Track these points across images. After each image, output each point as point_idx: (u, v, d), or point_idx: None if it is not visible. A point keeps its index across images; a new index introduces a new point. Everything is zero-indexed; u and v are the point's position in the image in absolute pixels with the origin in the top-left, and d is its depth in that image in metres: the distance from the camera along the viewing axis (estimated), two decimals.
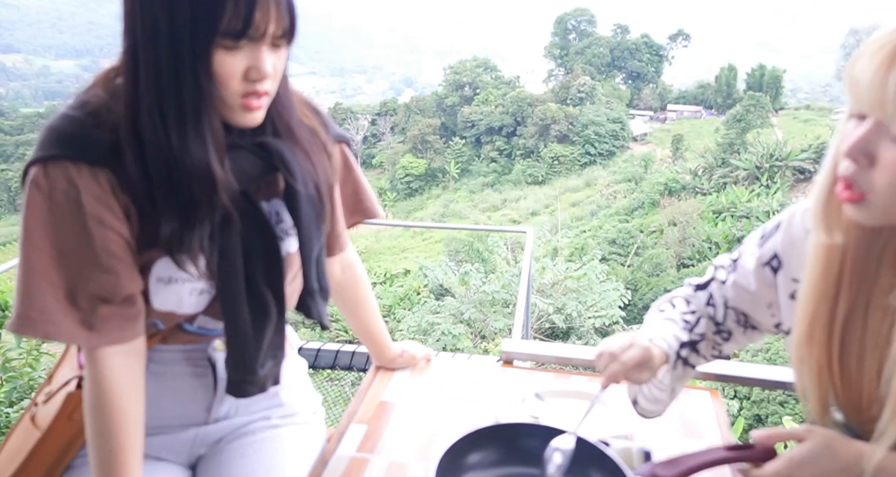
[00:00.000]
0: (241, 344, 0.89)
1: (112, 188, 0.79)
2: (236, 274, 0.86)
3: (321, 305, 0.95)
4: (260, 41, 0.75)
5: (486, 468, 0.89)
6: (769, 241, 0.93)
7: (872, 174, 0.69)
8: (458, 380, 1.30)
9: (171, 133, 0.76)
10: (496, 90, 34.22)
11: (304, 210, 0.88)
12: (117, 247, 0.80)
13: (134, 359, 0.86)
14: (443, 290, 12.38)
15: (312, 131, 0.92)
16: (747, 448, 0.89)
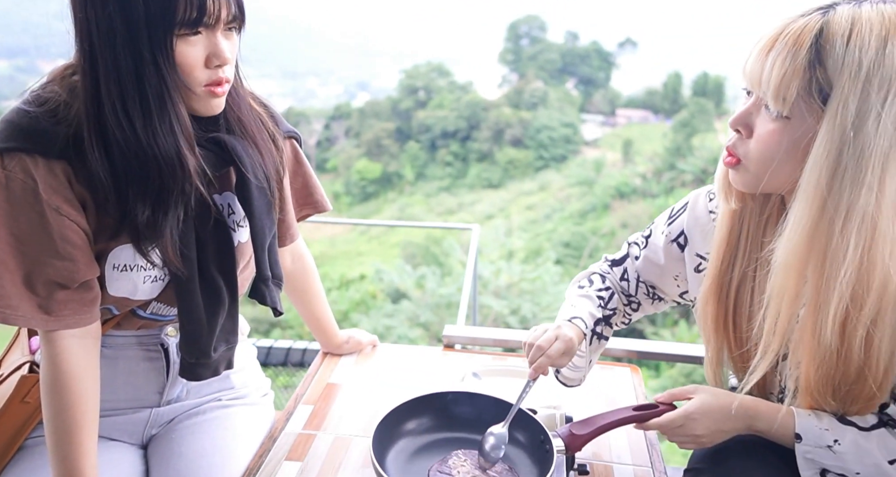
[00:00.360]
0: (194, 329, 0.95)
1: (68, 180, 0.83)
2: (190, 262, 0.91)
3: (274, 292, 1.01)
4: (215, 28, 0.81)
5: (421, 434, 0.98)
6: (677, 220, 1.05)
7: (749, 143, 0.81)
8: (402, 364, 1.38)
9: (136, 127, 0.80)
10: (450, 95, 34.43)
11: (256, 200, 0.94)
12: (74, 235, 0.85)
13: (90, 341, 0.91)
14: (399, 293, 12.40)
15: (261, 121, 0.98)
16: (652, 408, 1.00)
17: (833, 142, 0.72)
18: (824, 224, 0.74)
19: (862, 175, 0.72)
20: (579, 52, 38.87)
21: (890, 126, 0.71)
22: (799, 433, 0.85)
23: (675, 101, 33.35)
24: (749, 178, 0.83)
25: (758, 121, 0.79)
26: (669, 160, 28.29)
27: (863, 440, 0.83)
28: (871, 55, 0.70)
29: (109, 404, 1.02)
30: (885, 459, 0.82)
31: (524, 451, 0.96)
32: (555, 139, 32.00)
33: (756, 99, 0.79)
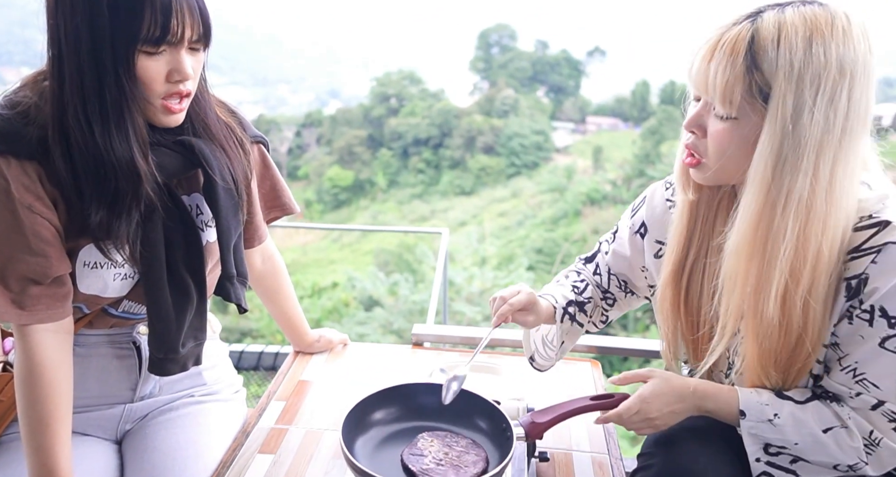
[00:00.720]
0: (163, 325, 0.98)
1: (40, 180, 0.87)
2: (158, 260, 0.95)
3: (239, 289, 1.05)
4: (178, 46, 0.85)
5: (389, 423, 1.02)
6: (638, 212, 1.14)
7: (705, 142, 0.89)
8: (372, 361, 1.42)
9: (95, 132, 0.84)
10: (422, 102, 34.54)
11: (222, 200, 0.98)
12: (46, 232, 0.88)
13: (63, 336, 0.93)
14: (372, 301, 12.37)
15: (228, 127, 1.03)
16: (608, 397, 1.07)
17: (775, 135, 0.80)
18: (768, 209, 0.82)
19: (799, 162, 0.80)
20: (549, 60, 39.41)
21: (820, 117, 0.79)
22: (742, 410, 0.92)
23: (644, 109, 34.00)
24: (710, 174, 0.91)
25: (709, 122, 0.87)
26: (639, 167, 28.80)
27: (799, 412, 0.90)
28: (799, 55, 0.78)
29: (82, 401, 1.04)
30: (819, 428, 0.89)
31: (487, 438, 1.01)
32: (526, 146, 32.32)
33: (705, 102, 0.88)
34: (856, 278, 0.84)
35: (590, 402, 1.06)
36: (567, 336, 1.17)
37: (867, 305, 0.83)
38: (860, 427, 0.88)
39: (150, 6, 0.80)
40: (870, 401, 0.86)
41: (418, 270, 14.04)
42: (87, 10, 0.80)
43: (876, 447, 0.87)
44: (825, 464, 0.90)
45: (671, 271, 1.04)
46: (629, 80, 40.04)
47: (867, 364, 0.86)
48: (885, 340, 0.83)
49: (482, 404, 1.02)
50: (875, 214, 0.84)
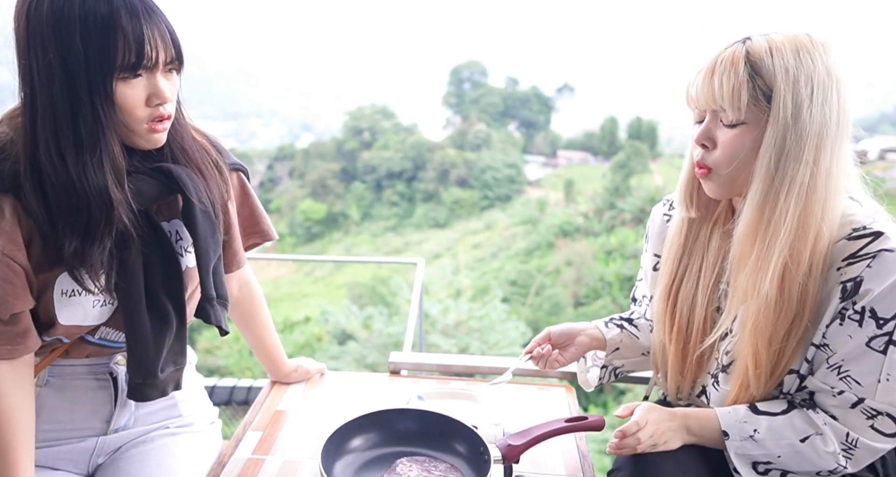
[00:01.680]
0: (141, 350, 0.98)
1: (17, 214, 0.88)
2: (136, 286, 0.96)
3: (219, 311, 1.05)
4: (154, 70, 0.88)
5: (368, 449, 1.03)
6: (648, 236, 1.24)
7: (715, 153, 0.97)
8: (350, 390, 1.42)
9: (67, 162, 0.86)
10: (395, 136, 34.88)
11: (200, 223, 0.99)
12: (10, 270, 0.89)
13: (21, 368, 0.93)
14: (345, 335, 12.22)
15: (205, 150, 1.05)
16: (582, 419, 1.09)
17: (778, 130, 0.90)
18: (772, 196, 0.91)
19: (801, 153, 0.90)
20: (520, 96, 40.33)
21: (818, 113, 0.89)
22: (725, 430, 0.98)
23: (613, 144, 34.86)
24: (721, 182, 0.99)
25: (718, 133, 0.96)
26: (609, 200, 29.35)
27: (776, 424, 0.96)
28: (791, 61, 0.89)
29: (53, 434, 1.03)
30: (797, 438, 0.95)
31: (465, 461, 1.02)
32: (499, 179, 32.76)
33: (712, 116, 0.96)
34: (851, 281, 0.91)
35: (564, 424, 1.08)
36: (622, 343, 1.22)
37: (859, 307, 0.90)
38: (836, 432, 0.93)
39: (122, 35, 0.83)
40: (851, 398, 0.92)
41: (392, 302, 13.96)
42: (58, 47, 0.82)
43: (854, 449, 0.93)
44: (809, 473, 0.95)
45: (665, 284, 1.12)
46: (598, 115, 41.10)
47: (852, 362, 0.92)
48: (871, 340, 0.90)
49: (460, 429, 1.04)
50: (868, 226, 0.92)
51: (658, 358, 1.16)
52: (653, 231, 1.22)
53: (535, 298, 23.49)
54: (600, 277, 24.76)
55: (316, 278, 26.01)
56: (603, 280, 24.55)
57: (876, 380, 0.90)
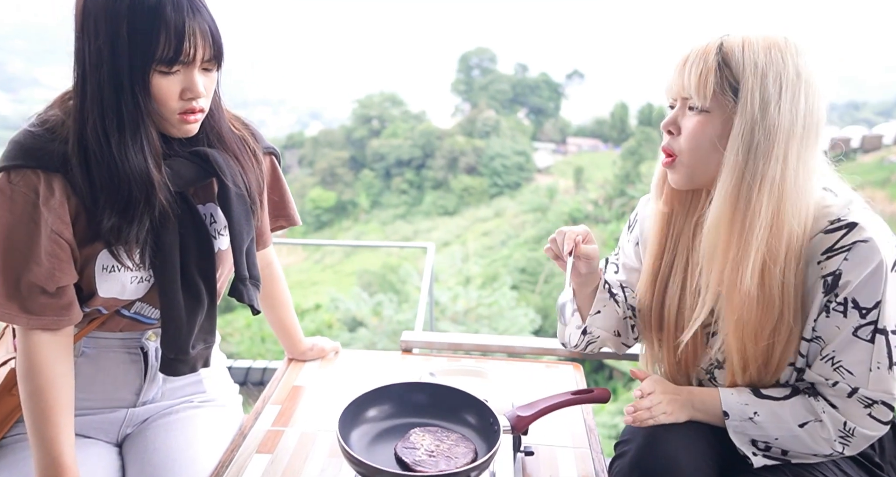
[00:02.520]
0: (174, 327, 1.03)
1: (65, 192, 0.94)
2: (172, 265, 1.01)
3: (252, 291, 1.10)
4: (191, 66, 0.92)
5: (383, 420, 1.07)
6: (634, 226, 1.25)
7: (679, 140, 1.00)
8: (363, 367, 1.47)
9: (111, 142, 0.91)
10: (404, 124, 34.79)
11: (235, 206, 1.04)
12: (59, 248, 0.94)
13: (62, 338, 0.99)
14: (355, 322, 12.32)
15: (242, 139, 1.10)
16: (588, 392, 1.13)
17: (746, 123, 0.92)
18: (744, 191, 0.93)
19: (771, 149, 0.91)
20: (529, 82, 40.05)
21: (786, 111, 0.91)
22: (725, 410, 1.01)
23: (623, 130, 34.56)
24: (683, 172, 1.01)
25: (684, 121, 0.99)
26: (619, 187, 29.18)
27: (778, 409, 0.99)
28: (762, 57, 0.92)
29: (87, 403, 1.08)
30: (795, 423, 0.98)
31: (475, 432, 1.06)
32: (508, 167, 32.63)
33: (680, 105, 0.99)
34: (831, 275, 0.93)
35: (571, 396, 1.12)
36: (604, 308, 1.18)
37: (841, 298, 0.93)
38: (834, 421, 0.96)
39: (164, 30, 0.87)
40: (846, 389, 0.95)
41: (402, 289, 14.04)
42: (108, 33, 0.87)
43: (851, 437, 0.96)
44: (807, 453, 0.98)
45: (648, 278, 1.13)
46: (608, 102, 40.72)
47: (843, 352, 0.94)
48: (857, 329, 0.93)
49: (471, 401, 1.08)
50: (842, 218, 0.94)
51: (648, 355, 1.18)
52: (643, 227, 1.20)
53: (545, 286, 23.52)
54: None
55: (325, 266, 26.15)
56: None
57: (867, 368, 0.93)
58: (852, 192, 0.99)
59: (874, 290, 0.91)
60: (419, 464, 0.95)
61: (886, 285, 0.90)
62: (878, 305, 0.91)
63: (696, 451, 0.98)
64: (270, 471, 1.09)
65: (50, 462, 0.94)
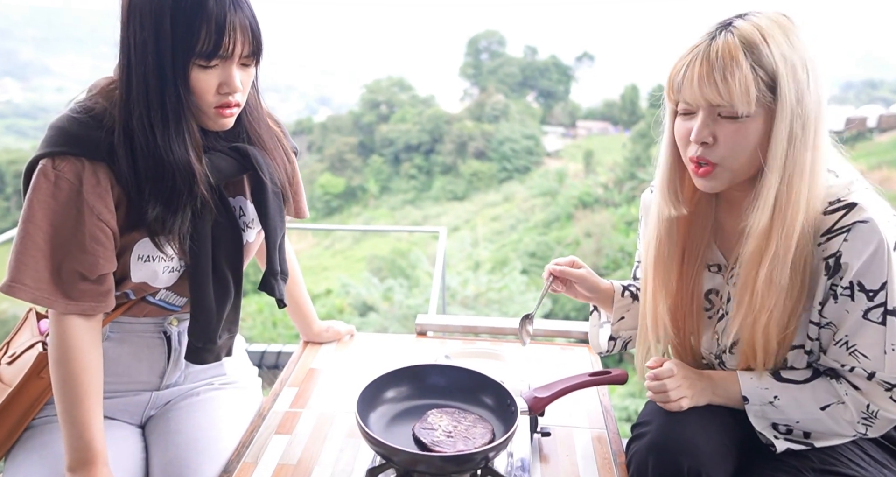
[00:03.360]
0: (205, 316, 1.05)
1: (109, 181, 0.94)
2: (206, 256, 1.02)
3: (282, 286, 1.13)
4: (230, 60, 0.93)
5: (400, 401, 1.08)
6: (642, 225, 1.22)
7: (717, 149, 0.94)
8: (379, 350, 1.48)
9: (157, 134, 0.92)
10: (412, 108, 34.62)
11: (271, 202, 1.06)
12: (102, 234, 0.95)
13: (94, 323, 1.00)
14: (366, 307, 12.39)
15: (277, 138, 1.11)
16: (606, 373, 1.13)
17: (786, 117, 0.89)
18: (784, 186, 0.91)
19: (807, 138, 0.90)
20: (538, 65, 39.66)
21: (814, 95, 0.89)
22: (745, 395, 1.00)
23: (633, 113, 34.21)
24: (726, 177, 0.96)
25: (717, 129, 0.93)
26: (629, 170, 28.96)
27: (798, 393, 0.98)
28: (785, 47, 0.88)
29: (112, 386, 1.10)
30: (817, 406, 0.97)
31: (493, 413, 1.07)
32: (517, 151, 32.44)
33: (708, 112, 0.92)
34: (832, 257, 0.91)
35: (588, 377, 1.13)
36: (628, 313, 1.21)
37: (846, 282, 0.91)
38: (857, 403, 0.95)
39: (206, 24, 0.88)
40: (863, 373, 0.93)
41: (412, 275, 14.07)
42: (153, 25, 0.88)
43: (874, 420, 0.95)
44: (830, 433, 0.98)
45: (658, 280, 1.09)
46: (618, 84, 40.26)
47: (856, 336, 0.93)
48: (867, 312, 0.91)
49: (488, 383, 1.08)
50: (843, 198, 0.92)
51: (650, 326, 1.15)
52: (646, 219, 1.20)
53: None
54: (620, 248, 24.61)
55: (335, 252, 26.24)
56: (623, 251, 24.40)
57: (882, 351, 0.91)
58: (854, 173, 0.97)
59: (878, 271, 0.89)
60: (437, 444, 0.96)
61: (891, 266, 0.89)
62: (884, 286, 0.90)
63: (714, 434, 0.98)
64: (290, 451, 1.10)
65: (82, 446, 0.95)
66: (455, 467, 0.93)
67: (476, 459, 0.92)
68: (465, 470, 0.94)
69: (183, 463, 1.03)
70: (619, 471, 1.06)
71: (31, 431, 1.05)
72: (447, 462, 0.92)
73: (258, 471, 1.05)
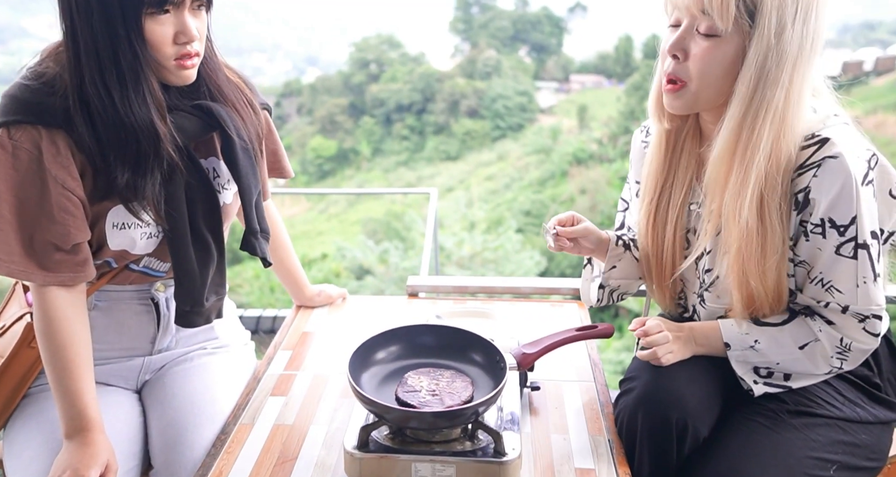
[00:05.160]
0: (188, 280, 1.05)
1: (69, 149, 0.92)
2: (182, 219, 1.01)
3: (263, 244, 1.12)
4: (181, 7, 0.89)
5: (392, 361, 1.10)
6: (631, 168, 1.25)
7: (687, 65, 0.95)
8: (371, 312, 1.50)
9: (114, 96, 0.89)
10: (403, 67, 33.98)
11: (241, 160, 1.03)
12: (69, 203, 0.93)
13: (76, 294, 1.00)
14: (363, 270, 12.45)
15: (238, 88, 1.08)
16: (592, 328, 1.15)
17: (761, 50, 0.88)
18: (749, 120, 0.91)
19: (779, 75, 0.89)
20: (530, 18, 38.80)
21: (797, 34, 0.88)
22: (727, 341, 1.03)
23: (627, 65, 33.67)
24: (688, 98, 0.97)
25: (692, 44, 0.94)
26: (624, 124, 28.67)
27: (777, 334, 1.01)
28: None
29: (105, 352, 1.11)
30: (796, 346, 1.00)
31: (482, 370, 1.09)
32: (510, 108, 32.05)
33: (688, 25, 0.93)
34: (801, 192, 0.93)
35: (575, 332, 1.15)
36: (620, 262, 1.21)
37: (816, 218, 0.93)
38: (830, 338, 0.98)
39: None
40: (837, 308, 0.96)
41: (407, 237, 14.10)
42: None
43: (848, 352, 0.98)
44: (807, 373, 1.01)
45: (647, 202, 1.12)
46: (612, 35, 39.46)
47: (829, 272, 0.95)
48: (838, 248, 0.93)
49: (477, 341, 1.10)
50: (817, 133, 0.92)
51: (645, 270, 1.19)
52: (634, 159, 1.22)
53: None
54: (615, 204, 24.34)
55: (330, 215, 26.20)
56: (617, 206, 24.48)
57: (854, 285, 0.94)
58: (834, 107, 0.97)
59: (847, 206, 0.90)
60: (426, 404, 0.98)
61: (859, 200, 0.90)
62: (854, 220, 0.91)
63: (699, 386, 1.01)
64: (285, 411, 1.13)
65: (75, 414, 0.96)
66: (447, 422, 0.96)
67: (467, 414, 0.94)
68: (456, 424, 0.97)
69: (181, 426, 1.06)
70: (607, 421, 1.09)
71: (28, 399, 1.07)
72: (439, 418, 0.94)
73: (255, 431, 1.07)
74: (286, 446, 1.04)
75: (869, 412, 1.01)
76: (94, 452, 0.94)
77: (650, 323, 1.05)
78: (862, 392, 1.04)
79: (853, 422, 0.99)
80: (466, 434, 0.98)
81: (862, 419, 1.00)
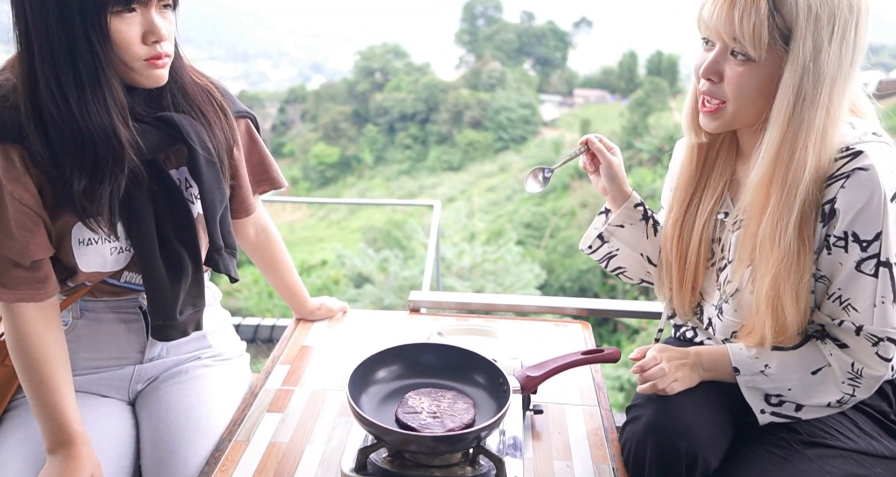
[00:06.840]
0: (158, 294, 1.01)
1: (24, 164, 0.89)
2: (149, 233, 0.98)
3: (227, 260, 1.07)
4: (148, 6, 0.86)
5: (392, 381, 1.07)
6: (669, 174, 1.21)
7: (722, 87, 0.94)
8: (371, 327, 1.47)
9: (70, 102, 0.85)
10: (408, 76, 34.12)
11: (205, 173, 0.99)
12: (28, 219, 0.91)
13: (47, 308, 0.97)
14: (362, 278, 12.40)
15: (207, 92, 1.03)
16: (598, 352, 1.13)
17: (797, 73, 0.87)
18: (787, 142, 0.89)
19: (817, 97, 0.87)
20: (535, 32, 39.01)
21: (835, 55, 0.87)
22: (735, 366, 1.00)
23: (631, 81, 33.81)
24: (728, 119, 0.96)
25: (726, 67, 0.93)
26: (626, 139, 28.73)
27: (788, 358, 0.98)
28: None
29: (93, 362, 1.09)
30: (807, 371, 0.97)
31: (485, 391, 1.06)
32: (514, 120, 32.14)
33: (721, 49, 0.92)
34: (829, 203, 0.90)
35: (581, 356, 1.12)
36: (631, 226, 1.17)
37: (840, 232, 0.90)
38: (841, 363, 0.95)
39: None
40: (851, 327, 0.93)
41: (408, 246, 14.07)
42: None
43: (860, 379, 0.95)
44: (819, 404, 0.97)
45: (677, 210, 1.11)
46: (616, 51, 39.68)
47: (848, 288, 0.92)
48: (859, 264, 0.90)
49: (480, 361, 1.07)
50: (851, 147, 0.90)
51: (666, 278, 1.16)
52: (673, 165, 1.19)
53: (550, 241, 23.53)
54: None
55: (331, 222, 26.19)
56: None
57: (871, 304, 0.91)
58: (872, 122, 0.96)
59: (873, 221, 0.88)
60: (427, 427, 0.95)
61: (887, 216, 0.88)
62: (878, 236, 0.88)
63: (709, 415, 0.98)
64: (282, 429, 1.10)
65: (57, 428, 0.94)
66: (447, 447, 0.93)
67: (468, 439, 0.92)
68: (457, 449, 0.94)
69: (174, 441, 1.03)
70: (612, 448, 1.06)
71: (10, 413, 1.04)
72: (439, 442, 0.92)
73: (250, 449, 1.05)
74: (281, 466, 1.01)
75: (885, 446, 0.98)
76: (78, 466, 0.91)
77: (648, 356, 1.02)
78: (878, 425, 1.01)
79: (869, 455, 0.96)
80: (467, 459, 0.96)
81: (878, 453, 0.97)
